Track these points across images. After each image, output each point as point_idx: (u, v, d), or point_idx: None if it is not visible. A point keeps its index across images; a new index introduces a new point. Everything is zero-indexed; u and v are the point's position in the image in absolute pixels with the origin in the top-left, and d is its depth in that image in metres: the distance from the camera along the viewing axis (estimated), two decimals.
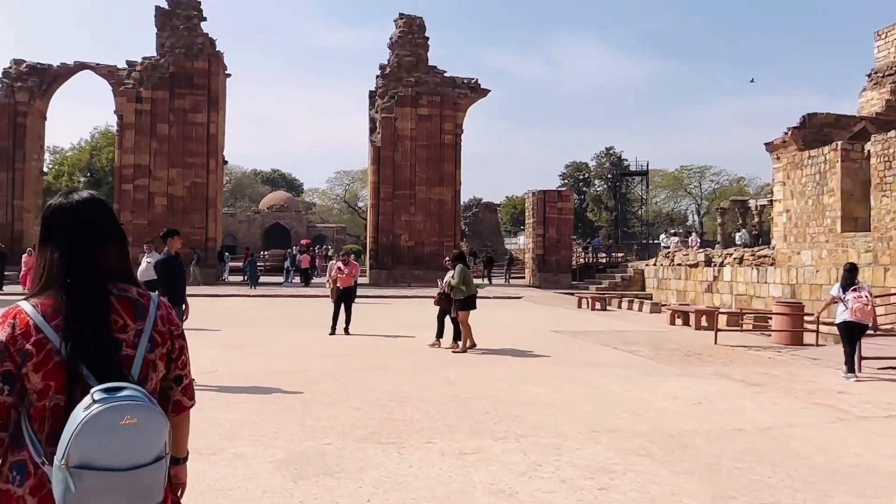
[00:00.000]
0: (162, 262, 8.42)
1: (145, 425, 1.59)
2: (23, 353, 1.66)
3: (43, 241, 1.84)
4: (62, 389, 1.66)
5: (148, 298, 1.86)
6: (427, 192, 35.23)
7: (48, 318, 1.70)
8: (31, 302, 1.75)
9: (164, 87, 32.96)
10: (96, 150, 61.95)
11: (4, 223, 32.61)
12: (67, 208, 1.84)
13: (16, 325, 1.69)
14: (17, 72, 33.57)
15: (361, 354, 11.04)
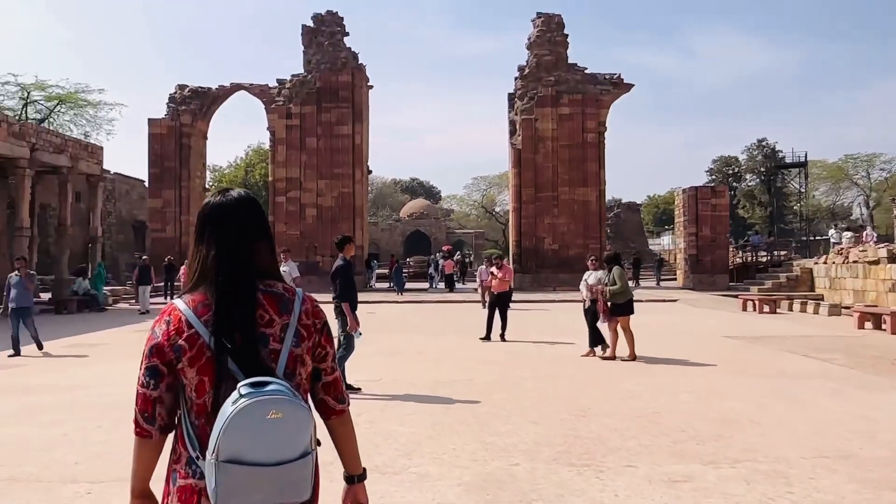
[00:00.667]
0: (342, 269, 8.18)
1: (291, 420, 1.58)
2: (177, 348, 1.71)
3: (199, 238, 1.87)
4: (219, 384, 1.69)
5: (293, 293, 1.86)
6: (570, 193, 34.25)
7: (199, 314, 1.74)
8: (184, 298, 1.80)
9: (311, 102, 34.21)
10: (250, 166, 65.65)
11: (173, 238, 35.08)
12: (224, 206, 1.87)
13: (170, 322, 1.74)
14: (181, 96, 36.08)
15: (525, 363, 10.49)
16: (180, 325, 1.74)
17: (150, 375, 1.73)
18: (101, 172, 26.17)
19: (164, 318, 1.77)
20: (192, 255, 1.92)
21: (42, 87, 37.33)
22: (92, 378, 9.38)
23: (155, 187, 35.59)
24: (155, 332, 1.77)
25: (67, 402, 7.66)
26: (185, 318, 1.75)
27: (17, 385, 8.90)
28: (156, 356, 1.73)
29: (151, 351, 1.73)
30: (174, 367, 1.72)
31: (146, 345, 1.76)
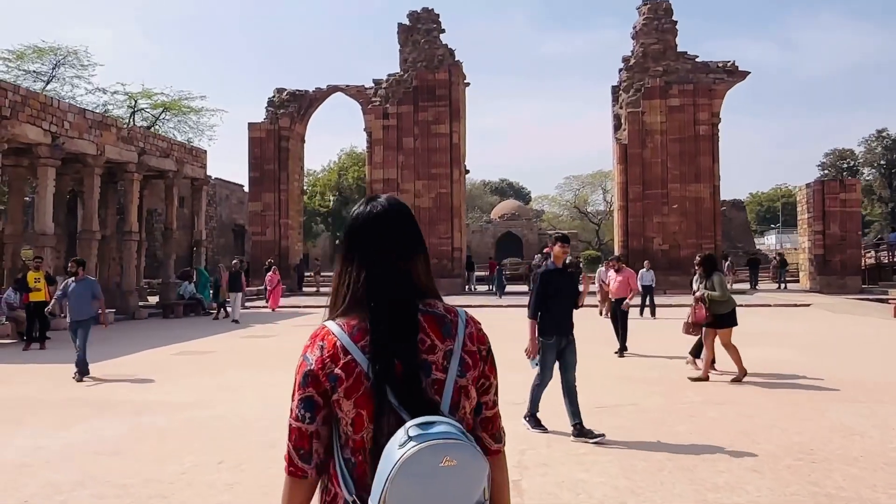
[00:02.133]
0: (543, 276, 6.62)
1: (465, 468, 1.36)
2: (332, 377, 1.50)
3: (347, 255, 1.64)
4: (373, 419, 1.48)
5: (455, 314, 1.61)
6: (681, 189, 32.10)
7: (355, 339, 1.53)
8: (338, 322, 1.57)
9: (408, 102, 33.50)
10: (343, 170, 66.10)
11: (273, 240, 35.12)
12: (375, 218, 1.64)
13: (324, 348, 1.53)
14: (279, 99, 36.17)
15: (683, 383, 9.01)
16: (335, 350, 1.51)
17: (306, 408, 1.52)
18: (204, 176, 26.21)
19: (318, 343, 1.54)
20: (338, 274, 1.66)
21: (148, 94, 38.28)
22: (204, 392, 8.59)
23: (255, 190, 35.77)
24: (307, 359, 1.53)
25: (181, 426, 6.81)
26: (340, 344, 1.51)
27: (126, 399, 8.19)
28: (311, 386, 1.51)
29: (306, 380, 1.52)
30: (329, 398, 1.50)
31: (297, 372, 1.53)
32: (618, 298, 12.04)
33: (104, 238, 22.68)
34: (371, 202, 1.68)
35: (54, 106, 18.09)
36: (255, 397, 8.16)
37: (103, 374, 10.11)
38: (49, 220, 18.03)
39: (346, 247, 1.64)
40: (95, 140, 19.66)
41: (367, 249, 1.61)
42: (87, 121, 19.40)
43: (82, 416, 7.26)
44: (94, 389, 8.98)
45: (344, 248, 1.65)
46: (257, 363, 11.25)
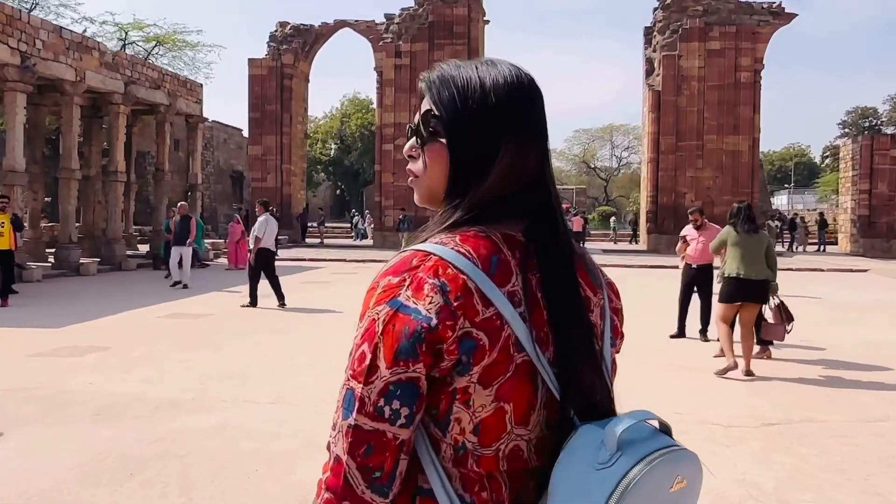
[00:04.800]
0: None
1: (693, 487, 0.89)
2: (466, 345, 0.88)
3: (483, 135, 0.97)
4: (527, 418, 0.93)
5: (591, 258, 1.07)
6: (718, 142, 29.61)
7: (496, 280, 0.91)
8: (456, 245, 0.92)
9: (422, 39, 30.71)
10: (346, 117, 63.25)
11: (275, 187, 32.64)
12: (536, 89, 1.02)
13: (446, 290, 0.89)
14: (282, 34, 33.30)
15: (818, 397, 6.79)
16: (467, 296, 0.88)
17: (404, 397, 0.88)
18: (200, 112, 23.60)
19: (429, 281, 0.89)
20: (459, 154, 0.97)
21: (140, 26, 35.33)
22: (196, 381, 6.31)
23: (255, 133, 33.15)
24: (411, 309, 0.88)
25: (159, 452, 4.54)
26: (473, 286, 0.89)
27: (84, 391, 5.92)
28: (420, 358, 0.87)
29: (409, 347, 0.87)
30: (441, 383, 0.90)
31: (380, 335, 0.88)
32: (701, 266, 9.24)
33: (87, 179, 20.23)
34: (493, 64, 1.01)
35: (23, 21, 15.45)
36: (268, 392, 5.90)
37: (65, 344, 7.87)
38: (19, 154, 15.56)
39: (488, 121, 0.96)
40: (74, 64, 17.05)
41: (541, 131, 1.00)
42: (63, 41, 16.76)
43: (15, 423, 5.00)
44: (44, 369, 6.71)
45: (479, 124, 0.96)
46: (267, 335, 8.99)
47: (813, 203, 58.07)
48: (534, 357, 0.92)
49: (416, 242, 0.97)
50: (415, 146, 1.04)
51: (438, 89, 1.01)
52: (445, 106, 0.99)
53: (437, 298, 0.88)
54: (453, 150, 0.98)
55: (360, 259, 22.96)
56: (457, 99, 0.98)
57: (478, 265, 0.91)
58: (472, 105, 0.97)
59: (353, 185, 60.97)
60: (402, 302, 0.89)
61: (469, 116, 0.97)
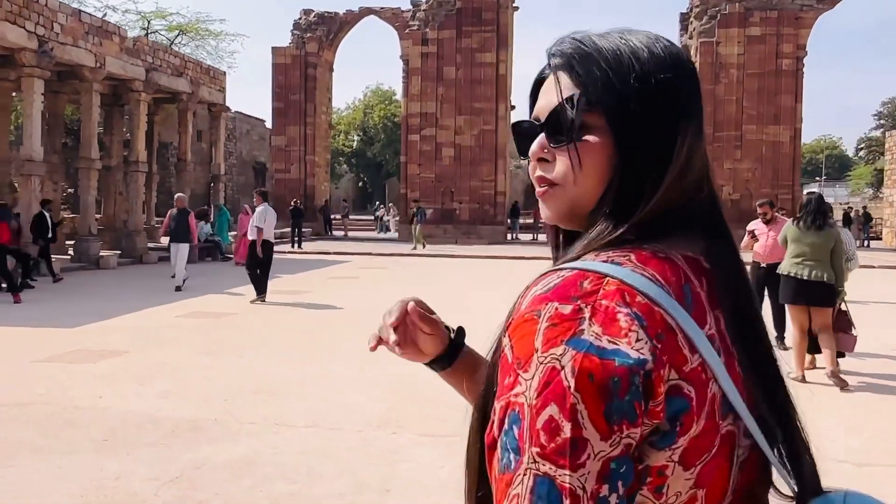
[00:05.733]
0: None
1: None
2: (674, 405, 0.64)
3: (659, 119, 0.74)
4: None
5: None
6: (758, 132, 28.41)
7: (694, 316, 0.68)
8: (629, 266, 0.68)
9: (450, 26, 29.83)
10: (369, 108, 62.64)
11: (298, 179, 31.98)
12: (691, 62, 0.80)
13: (647, 327, 0.64)
14: (306, 22, 32.57)
15: None
16: (671, 336, 0.65)
17: (627, 475, 0.62)
18: (223, 101, 22.93)
19: (625, 310, 0.64)
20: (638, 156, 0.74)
21: (162, 15, 34.85)
22: (218, 396, 5.54)
23: (279, 123, 32.48)
24: (615, 350, 0.62)
25: (177, 495, 3.77)
26: (675, 323, 0.65)
27: (91, 406, 5.17)
28: (640, 418, 0.62)
29: (629, 402, 0.62)
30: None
31: (583, 385, 0.61)
32: (771, 265, 8.27)
33: (108, 169, 19.61)
34: (630, 33, 0.78)
35: (41, 3, 14.79)
36: (302, 412, 5.10)
37: (77, 347, 7.15)
38: (37, 143, 14.93)
39: (667, 97, 0.74)
40: (94, 49, 16.40)
41: (699, 120, 0.77)
42: (83, 25, 16.11)
43: (6, 452, 4.25)
44: (50, 379, 5.97)
45: (650, 100, 0.73)
46: (293, 337, 8.22)
47: (845, 196, 56.54)
48: (746, 419, 0.67)
49: (567, 259, 0.71)
50: (547, 146, 0.76)
51: (584, 65, 0.74)
52: (601, 87, 0.73)
53: (641, 334, 0.63)
54: (622, 146, 0.72)
55: (387, 253, 22.18)
56: (612, 76, 0.72)
57: (671, 295, 0.66)
58: (636, 84, 0.72)
59: (376, 178, 60.41)
60: (590, 341, 0.62)
61: (637, 98, 0.72)
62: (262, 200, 11.22)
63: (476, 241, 28.37)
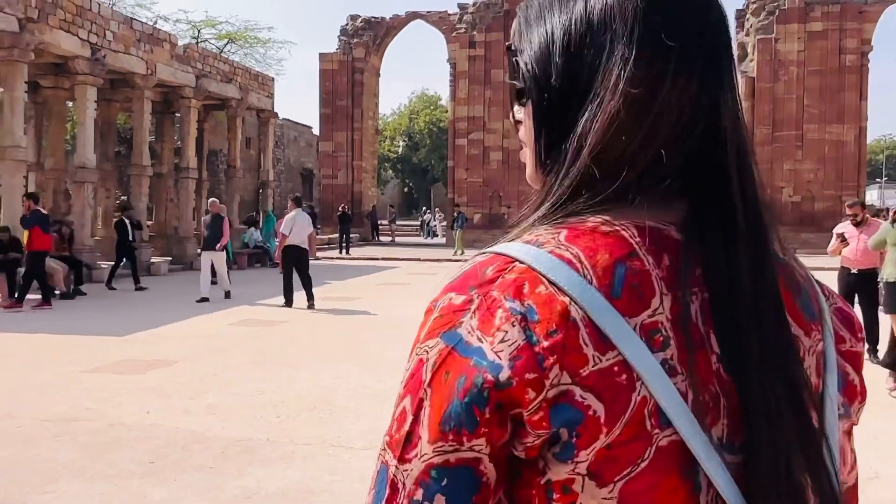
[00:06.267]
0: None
1: None
2: (562, 414, 0.55)
3: (574, 50, 0.64)
4: None
5: (806, 272, 0.70)
6: (819, 131, 27.25)
7: (621, 303, 0.57)
8: (551, 245, 0.60)
9: (497, 28, 29.42)
10: (414, 113, 62.72)
11: (345, 184, 31.94)
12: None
13: (532, 318, 0.57)
14: (353, 28, 32.56)
15: None
16: (569, 333, 0.55)
17: (451, 489, 0.56)
18: (272, 107, 22.95)
19: (508, 304, 0.57)
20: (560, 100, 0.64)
21: (212, 24, 35.27)
22: (269, 413, 5.20)
23: (326, 129, 32.52)
24: (477, 349, 0.56)
25: None
26: (581, 315, 0.56)
27: (137, 424, 4.88)
28: (482, 427, 0.56)
29: (465, 409, 0.55)
30: (526, 466, 0.58)
31: (436, 380, 0.57)
32: (863, 270, 7.63)
33: (159, 176, 19.71)
34: None
35: (93, 11, 14.88)
36: (360, 431, 4.72)
37: (127, 357, 6.93)
38: (90, 150, 15.01)
39: (597, 30, 0.63)
40: (145, 56, 16.46)
41: (698, 47, 0.62)
42: (134, 32, 16.19)
43: (45, 475, 3.95)
44: (98, 391, 5.72)
45: (568, 31, 0.65)
46: (347, 347, 7.89)
47: None
48: (688, 436, 0.56)
49: (502, 240, 0.65)
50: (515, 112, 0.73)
51: (525, 18, 0.70)
52: (533, 38, 0.67)
53: (513, 334, 0.56)
54: (537, 98, 0.66)
55: (435, 258, 21.84)
56: (546, 27, 0.66)
57: (591, 280, 0.57)
58: (565, 27, 0.64)
59: (422, 183, 60.39)
60: (461, 336, 0.58)
61: (562, 37, 0.65)
62: (294, 206, 11.16)
63: None
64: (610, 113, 0.59)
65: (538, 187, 0.69)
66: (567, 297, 0.56)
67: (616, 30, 0.61)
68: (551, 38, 0.65)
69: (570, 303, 0.56)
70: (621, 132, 0.60)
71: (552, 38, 0.64)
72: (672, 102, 0.60)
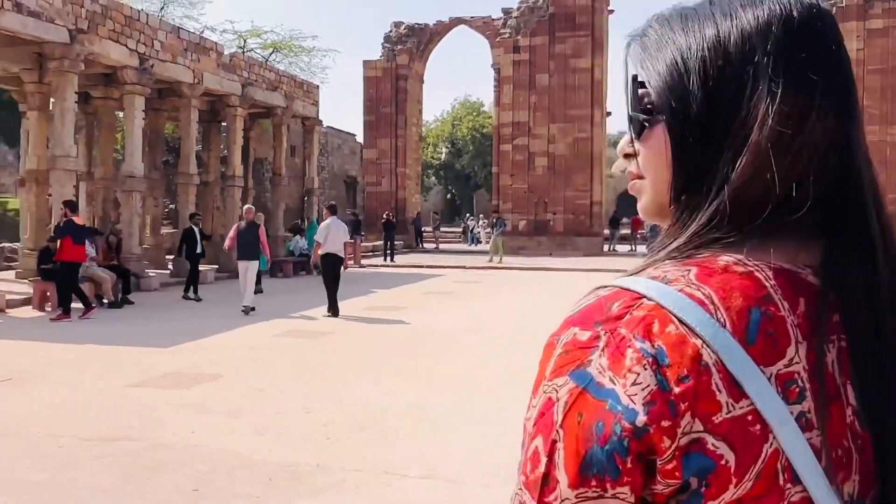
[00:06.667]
0: None
1: None
2: (693, 463, 0.54)
3: (723, 86, 0.61)
4: None
5: None
6: (881, 133, 26.22)
7: (756, 350, 0.56)
8: (681, 283, 0.58)
9: (542, 32, 29.03)
10: (457, 120, 62.60)
11: (389, 191, 31.85)
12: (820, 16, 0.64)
13: (663, 362, 0.55)
14: (397, 34, 32.51)
15: None
16: (702, 378, 0.54)
17: None
18: (317, 114, 22.95)
19: (638, 345, 0.55)
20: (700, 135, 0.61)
21: (258, 33, 35.55)
22: (321, 439, 4.92)
23: (370, 136, 32.51)
24: (610, 391, 0.55)
25: None
26: (714, 360, 0.54)
27: (179, 459, 4.64)
28: (625, 475, 0.55)
29: (608, 456, 0.55)
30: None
31: (569, 422, 0.56)
32: None
33: (206, 184, 19.80)
34: None
35: (142, 21, 14.99)
36: (414, 456, 4.39)
37: (171, 370, 6.75)
38: (137, 159, 15.10)
39: (741, 58, 0.61)
40: (191, 66, 16.54)
41: (834, 76, 0.62)
42: (181, 42, 16.28)
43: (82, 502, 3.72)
44: (141, 406, 5.52)
45: (710, 64, 0.62)
46: (396, 361, 7.59)
47: None
48: (820, 496, 0.55)
49: (626, 274, 0.63)
50: (629, 142, 0.70)
51: (647, 46, 0.67)
52: (660, 68, 0.64)
53: (644, 377, 0.54)
54: (674, 128, 0.63)
55: (480, 266, 21.49)
56: (676, 53, 0.64)
57: (724, 323, 0.55)
58: (701, 56, 0.62)
59: (464, 189, 60.20)
60: (592, 376, 0.56)
61: (697, 68, 0.62)
62: (330, 214, 11.24)
63: (571, 253, 27.32)
64: (756, 149, 0.58)
65: (657, 221, 0.68)
66: (699, 340, 0.55)
67: (758, 61, 0.60)
68: (683, 68, 0.62)
69: (702, 346, 0.55)
70: (762, 168, 0.58)
71: (685, 69, 0.62)
72: (814, 138, 0.59)
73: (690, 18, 0.64)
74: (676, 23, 0.65)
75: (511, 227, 29.26)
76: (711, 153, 0.60)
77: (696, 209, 0.61)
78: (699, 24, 0.63)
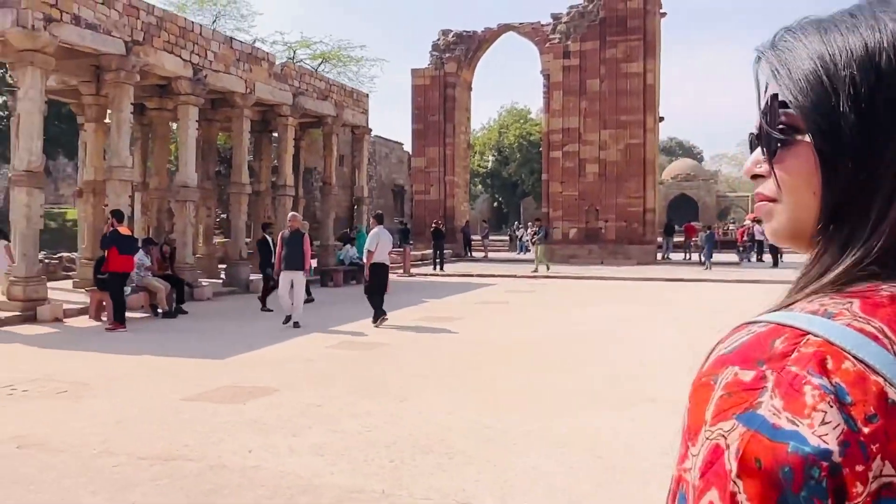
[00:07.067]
0: None
1: None
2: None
3: (876, 111, 0.58)
4: None
5: None
6: None
7: None
8: (846, 318, 0.55)
9: (593, 37, 28.53)
10: (504, 127, 62.29)
11: (438, 200, 31.67)
12: None
13: (845, 400, 0.51)
14: (444, 42, 32.38)
15: None
16: (893, 419, 0.50)
17: None
18: (366, 123, 22.89)
19: (817, 381, 0.51)
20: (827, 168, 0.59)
21: (307, 44, 35.98)
22: (381, 466, 4.64)
23: (418, 145, 32.40)
24: (792, 432, 0.51)
25: None
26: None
27: (233, 481, 4.40)
28: None
29: (805, 499, 0.49)
30: None
31: (747, 469, 0.51)
32: None
33: (258, 194, 19.91)
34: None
35: (195, 32, 15.10)
36: (486, 481, 4.06)
37: (226, 382, 6.58)
38: (191, 169, 15.18)
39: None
40: (244, 76, 16.61)
41: None
42: (234, 52, 16.36)
43: None
44: (197, 423, 5.32)
45: (863, 91, 0.58)
46: (456, 375, 7.29)
47: None
48: None
49: (771, 310, 0.60)
50: (760, 160, 0.67)
51: (784, 61, 0.63)
52: (802, 85, 0.61)
53: (832, 415, 0.50)
54: (825, 152, 0.60)
55: (531, 275, 21.07)
56: (820, 69, 0.60)
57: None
58: (849, 74, 0.59)
59: (511, 197, 59.81)
60: (763, 418, 0.52)
61: (847, 87, 0.59)
62: (376, 223, 11.18)
63: (623, 262, 26.70)
64: None
65: (789, 245, 0.64)
66: (880, 378, 0.51)
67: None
68: (830, 86, 0.58)
69: (885, 384, 0.51)
70: None
71: (832, 87, 0.58)
72: None
73: (830, 31, 0.60)
74: (814, 35, 0.61)
75: (562, 235, 28.75)
76: (865, 179, 0.57)
77: (850, 240, 0.58)
78: (842, 38, 0.59)
